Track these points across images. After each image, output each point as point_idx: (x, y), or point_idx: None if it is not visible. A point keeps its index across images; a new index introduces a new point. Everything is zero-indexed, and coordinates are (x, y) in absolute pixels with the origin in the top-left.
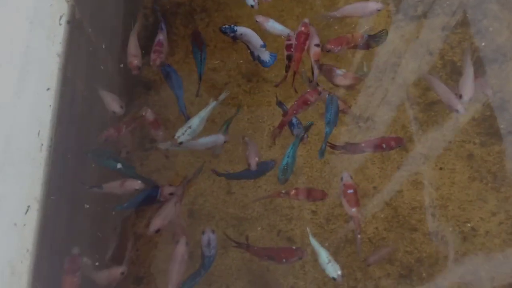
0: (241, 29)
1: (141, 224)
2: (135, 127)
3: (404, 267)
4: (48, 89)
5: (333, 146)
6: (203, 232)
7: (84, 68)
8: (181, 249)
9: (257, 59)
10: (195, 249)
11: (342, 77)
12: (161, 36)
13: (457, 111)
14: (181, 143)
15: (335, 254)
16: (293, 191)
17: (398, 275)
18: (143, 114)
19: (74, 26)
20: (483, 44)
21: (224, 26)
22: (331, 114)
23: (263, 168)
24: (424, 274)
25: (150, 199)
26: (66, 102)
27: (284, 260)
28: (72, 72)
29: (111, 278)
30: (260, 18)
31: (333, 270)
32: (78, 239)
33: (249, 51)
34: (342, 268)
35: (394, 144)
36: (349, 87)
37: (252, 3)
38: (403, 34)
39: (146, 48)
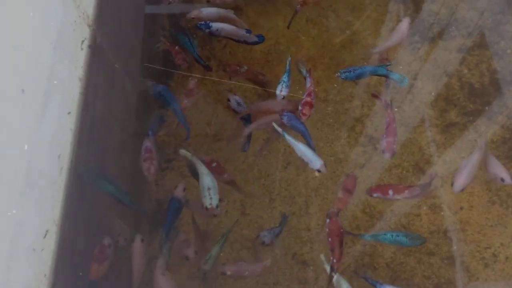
0: (217, 25)
1: (155, 244)
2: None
3: None
4: (69, 113)
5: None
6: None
7: (104, 91)
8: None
9: (245, 43)
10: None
11: None
12: (148, 143)
13: (502, 180)
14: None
15: (351, 279)
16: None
17: None
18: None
19: (95, 50)
20: (501, 66)
21: (199, 23)
22: None
23: None
24: None
25: (178, 210)
26: (86, 125)
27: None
28: (92, 96)
29: None
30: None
31: None
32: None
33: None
34: None
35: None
36: None
37: (279, 93)
38: (419, 56)
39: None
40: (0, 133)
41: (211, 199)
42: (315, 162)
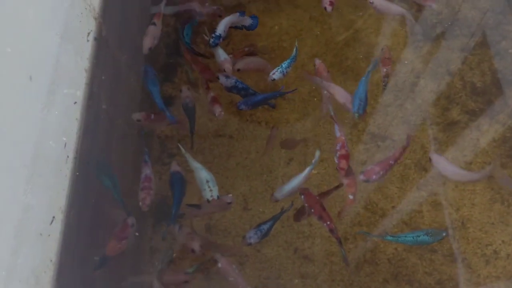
0: (220, 28)
1: (158, 238)
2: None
3: None
4: (75, 102)
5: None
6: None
7: (109, 83)
8: None
9: (243, 28)
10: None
11: None
12: (147, 170)
13: None
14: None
15: (353, 274)
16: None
17: None
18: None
19: (101, 43)
20: (502, 65)
21: (211, 40)
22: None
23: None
24: None
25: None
26: (91, 115)
27: None
28: (98, 87)
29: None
30: None
31: None
32: (101, 250)
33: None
34: None
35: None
36: None
37: (271, 75)
38: (421, 55)
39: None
40: (8, 120)
41: (211, 191)
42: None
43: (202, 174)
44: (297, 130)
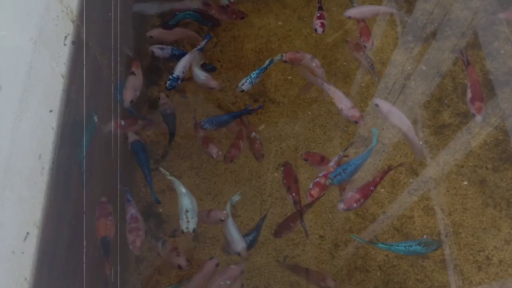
0: (178, 69)
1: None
2: None
3: None
4: (50, 110)
5: None
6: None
7: (89, 89)
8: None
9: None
10: None
11: None
12: (132, 210)
13: None
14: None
15: (344, 282)
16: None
17: None
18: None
19: (79, 46)
20: (494, 67)
21: (167, 83)
22: None
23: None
24: None
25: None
26: (68, 124)
27: None
28: (76, 93)
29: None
30: None
31: None
32: (79, 266)
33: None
34: None
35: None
36: None
37: (239, 85)
38: (412, 56)
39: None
40: None
41: (188, 222)
42: (238, 243)
43: (184, 201)
44: (286, 133)
